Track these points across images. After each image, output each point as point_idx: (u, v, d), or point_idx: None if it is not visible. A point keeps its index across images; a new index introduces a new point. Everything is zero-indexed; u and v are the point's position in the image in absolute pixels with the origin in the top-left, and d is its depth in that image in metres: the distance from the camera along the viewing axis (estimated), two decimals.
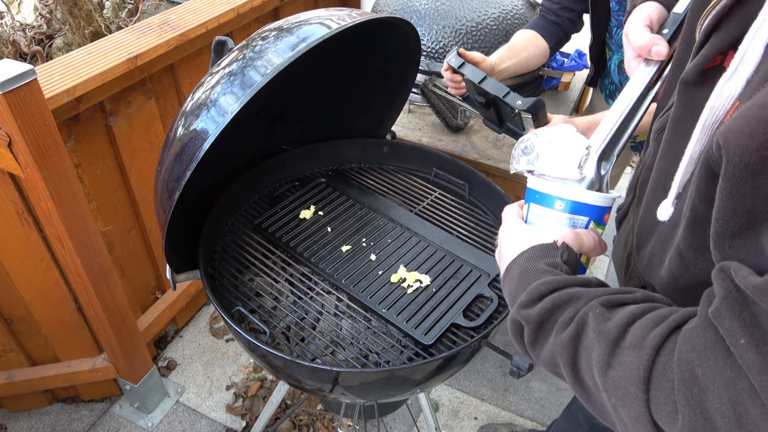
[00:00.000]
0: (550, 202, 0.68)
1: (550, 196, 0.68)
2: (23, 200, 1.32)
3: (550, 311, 0.57)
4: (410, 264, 1.12)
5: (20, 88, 1.07)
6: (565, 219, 0.68)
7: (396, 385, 0.97)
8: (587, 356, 0.52)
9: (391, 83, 1.31)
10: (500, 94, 1.19)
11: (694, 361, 0.44)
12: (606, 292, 0.56)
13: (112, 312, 1.53)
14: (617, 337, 0.50)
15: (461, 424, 1.87)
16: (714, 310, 0.43)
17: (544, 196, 0.68)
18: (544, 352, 0.58)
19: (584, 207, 0.68)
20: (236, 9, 1.67)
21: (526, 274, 0.63)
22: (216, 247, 1.18)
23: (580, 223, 0.68)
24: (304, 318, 1.05)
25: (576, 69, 1.81)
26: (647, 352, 0.47)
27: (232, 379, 1.98)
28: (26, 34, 3.56)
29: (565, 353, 0.54)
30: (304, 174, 1.39)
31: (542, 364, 0.60)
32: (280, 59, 0.85)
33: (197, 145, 0.84)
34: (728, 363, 0.42)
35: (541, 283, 0.59)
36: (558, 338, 0.55)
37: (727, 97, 0.48)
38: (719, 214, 0.45)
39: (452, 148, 1.60)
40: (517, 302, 0.60)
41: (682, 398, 0.44)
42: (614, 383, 0.49)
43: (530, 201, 0.70)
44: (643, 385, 0.47)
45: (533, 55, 1.48)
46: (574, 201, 0.67)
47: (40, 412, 1.86)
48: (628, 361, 0.48)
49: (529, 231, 0.69)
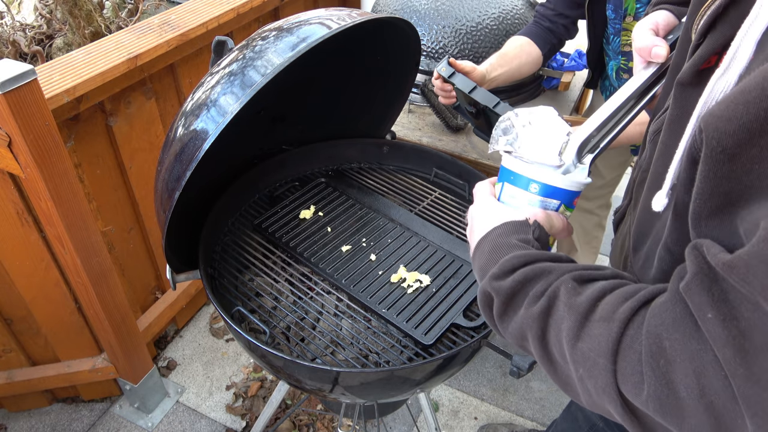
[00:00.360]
0: (525, 183, 0.69)
1: (525, 177, 0.68)
2: (23, 200, 1.32)
3: (521, 284, 0.58)
4: (410, 264, 1.12)
5: (20, 88, 1.07)
6: (538, 201, 0.69)
7: (396, 385, 0.97)
8: (557, 329, 0.54)
9: (391, 83, 1.31)
10: (490, 104, 1.20)
11: (662, 333, 0.45)
12: (577, 268, 0.58)
13: (112, 312, 1.53)
14: (587, 311, 0.51)
15: (461, 424, 1.87)
16: (685, 285, 0.45)
17: (520, 177, 0.69)
18: (512, 324, 0.59)
19: (558, 191, 0.69)
20: (236, 9, 1.67)
21: (498, 248, 0.64)
22: (216, 247, 1.18)
23: (552, 206, 0.69)
24: (304, 318, 1.05)
25: (576, 69, 1.81)
26: (617, 324, 0.48)
27: (232, 379, 1.98)
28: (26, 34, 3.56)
29: (534, 325, 0.55)
30: (304, 174, 1.39)
31: (509, 337, 0.61)
32: (280, 59, 0.85)
33: (197, 145, 0.84)
34: (695, 336, 0.43)
35: (513, 256, 0.60)
36: (529, 311, 0.56)
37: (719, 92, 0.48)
38: (697, 195, 0.46)
39: (452, 148, 1.60)
40: (489, 274, 0.61)
41: (648, 369, 0.45)
42: (583, 354, 0.50)
43: (504, 180, 0.71)
44: (611, 356, 0.48)
45: (525, 62, 1.48)
46: (549, 185, 0.68)
47: (40, 412, 1.86)
48: (597, 333, 0.50)
49: (501, 209, 0.70)
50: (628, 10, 1.35)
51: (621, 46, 1.44)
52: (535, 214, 0.68)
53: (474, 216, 0.73)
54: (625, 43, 1.43)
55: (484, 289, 0.62)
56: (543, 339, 0.55)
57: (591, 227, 1.97)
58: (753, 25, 0.46)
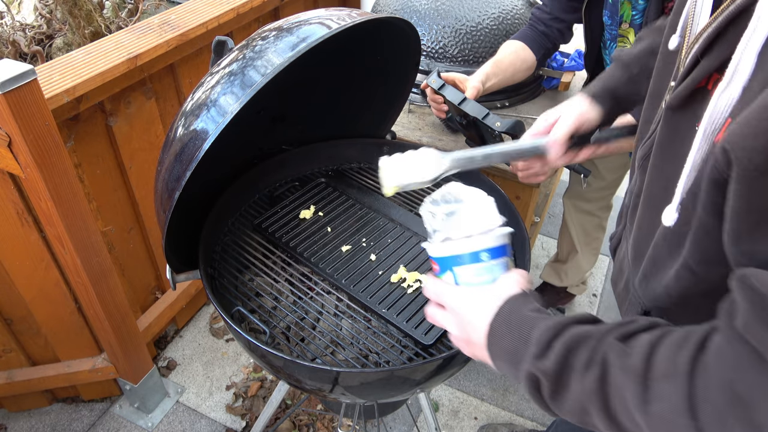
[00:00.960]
0: (474, 258, 0.68)
1: (472, 253, 0.68)
2: (23, 200, 1.32)
3: (565, 357, 0.55)
4: (410, 264, 1.12)
5: (20, 88, 1.07)
6: (494, 265, 0.68)
7: (396, 385, 0.96)
8: (620, 397, 0.51)
9: (391, 83, 1.31)
10: (480, 116, 1.21)
11: (732, 378, 0.44)
12: (614, 326, 0.56)
13: (112, 312, 1.53)
14: (645, 371, 0.50)
15: (461, 424, 1.87)
16: (743, 324, 0.44)
17: (465, 255, 0.68)
18: (567, 402, 0.56)
19: (504, 247, 0.70)
20: (236, 9, 1.67)
21: (518, 326, 0.60)
22: (216, 247, 1.18)
23: (504, 263, 0.70)
24: (304, 318, 1.05)
25: (576, 69, 1.81)
26: (682, 379, 0.47)
27: (232, 379, 1.98)
28: (26, 34, 3.56)
29: (594, 398, 0.53)
30: (304, 174, 1.39)
31: (566, 415, 0.57)
32: (280, 59, 0.85)
33: (197, 145, 0.84)
34: (766, 373, 0.42)
35: (543, 330, 0.57)
36: (583, 385, 0.54)
37: (724, 105, 0.49)
38: (734, 214, 0.46)
39: (452, 148, 1.60)
40: (528, 355, 0.58)
41: (730, 418, 0.44)
42: (660, 418, 0.48)
43: (450, 267, 0.70)
44: (690, 413, 0.46)
45: (519, 69, 1.49)
46: (495, 246, 0.68)
47: (40, 412, 1.86)
48: (667, 393, 0.48)
49: (476, 292, 0.67)
50: (624, 16, 1.35)
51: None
52: (515, 280, 0.66)
53: (457, 312, 0.68)
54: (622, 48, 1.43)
55: (529, 373, 0.58)
56: (608, 410, 0.53)
57: (592, 229, 1.97)
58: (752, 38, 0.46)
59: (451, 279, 0.70)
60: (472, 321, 0.66)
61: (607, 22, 1.41)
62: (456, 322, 0.69)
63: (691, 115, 0.59)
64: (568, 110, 0.92)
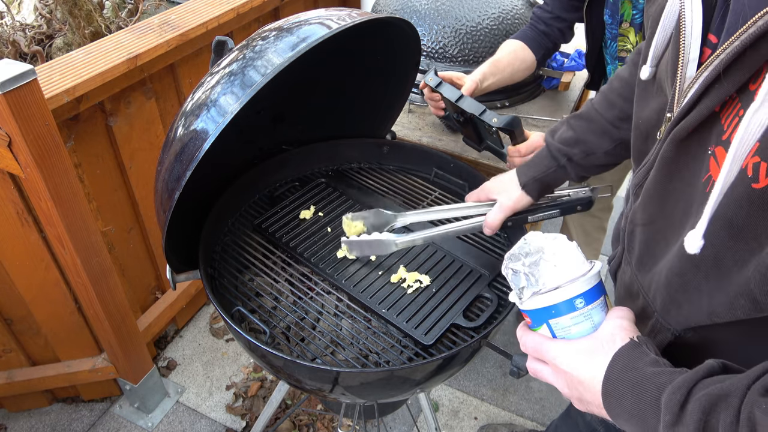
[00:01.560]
0: (569, 306, 0.65)
1: (567, 301, 0.65)
2: (23, 200, 1.32)
3: (704, 422, 0.51)
4: (410, 264, 1.12)
5: (20, 88, 1.07)
6: (591, 310, 0.66)
7: (396, 385, 0.96)
8: None
9: (391, 83, 1.31)
10: (477, 113, 1.21)
11: None
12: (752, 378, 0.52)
13: (112, 312, 1.53)
14: None
15: (461, 424, 1.87)
16: None
17: (560, 305, 0.65)
18: None
19: (597, 288, 0.67)
20: (236, 9, 1.67)
21: (639, 386, 0.57)
22: (216, 247, 1.18)
23: (601, 304, 0.67)
24: (304, 318, 1.05)
25: (576, 69, 1.81)
26: None
27: (232, 379, 1.98)
28: (26, 34, 3.56)
29: None
30: (304, 174, 1.39)
31: None
32: (280, 59, 0.85)
33: (197, 145, 0.84)
34: None
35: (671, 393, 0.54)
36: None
37: (756, 126, 0.48)
38: None
39: (452, 148, 1.60)
40: (664, 424, 0.54)
41: None
42: None
43: (545, 320, 0.67)
44: None
45: (518, 69, 1.48)
46: (588, 290, 0.65)
47: (40, 412, 1.86)
48: None
49: (582, 346, 0.64)
50: (625, 15, 1.35)
51: (618, 52, 1.44)
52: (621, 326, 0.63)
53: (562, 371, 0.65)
54: (622, 48, 1.43)
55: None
56: None
57: (592, 230, 1.97)
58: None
59: (548, 332, 0.67)
60: (583, 381, 0.63)
61: (607, 21, 1.41)
62: (564, 380, 0.66)
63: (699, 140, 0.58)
64: (505, 199, 1.05)
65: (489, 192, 1.09)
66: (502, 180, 1.08)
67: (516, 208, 1.05)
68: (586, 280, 0.65)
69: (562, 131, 1.03)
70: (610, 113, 0.97)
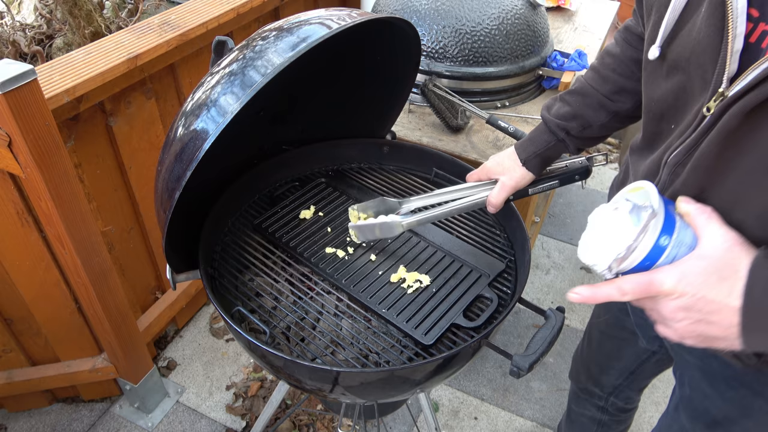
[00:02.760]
0: (658, 251, 0.63)
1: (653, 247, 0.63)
2: (23, 200, 1.32)
3: None
4: (410, 264, 1.12)
5: (20, 88, 1.07)
6: (676, 238, 0.63)
7: (396, 385, 0.97)
8: None
9: (391, 83, 1.31)
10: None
11: None
12: None
13: (112, 312, 1.53)
14: None
15: (461, 424, 1.87)
16: None
17: (650, 254, 0.63)
18: None
19: (667, 216, 0.65)
20: (236, 9, 1.67)
21: None
22: (216, 247, 1.18)
23: (681, 224, 0.65)
24: (304, 318, 1.05)
25: (576, 69, 1.81)
26: None
27: (232, 379, 1.98)
28: (26, 34, 3.56)
29: None
30: (304, 174, 1.39)
31: None
32: (280, 59, 0.85)
33: (197, 145, 0.84)
34: None
35: None
36: None
37: None
38: None
39: (452, 148, 1.60)
40: None
41: None
42: None
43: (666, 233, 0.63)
44: None
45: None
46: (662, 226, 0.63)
47: (40, 412, 1.86)
48: None
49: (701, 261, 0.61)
50: None
51: None
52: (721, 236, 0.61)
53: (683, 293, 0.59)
54: None
55: None
56: None
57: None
58: None
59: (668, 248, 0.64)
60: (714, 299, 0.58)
61: None
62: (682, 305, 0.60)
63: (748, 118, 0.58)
64: (507, 179, 1.07)
65: (489, 171, 1.11)
66: (501, 159, 1.10)
67: (518, 186, 1.08)
68: (655, 219, 0.62)
69: (558, 107, 1.07)
70: (604, 87, 1.01)
